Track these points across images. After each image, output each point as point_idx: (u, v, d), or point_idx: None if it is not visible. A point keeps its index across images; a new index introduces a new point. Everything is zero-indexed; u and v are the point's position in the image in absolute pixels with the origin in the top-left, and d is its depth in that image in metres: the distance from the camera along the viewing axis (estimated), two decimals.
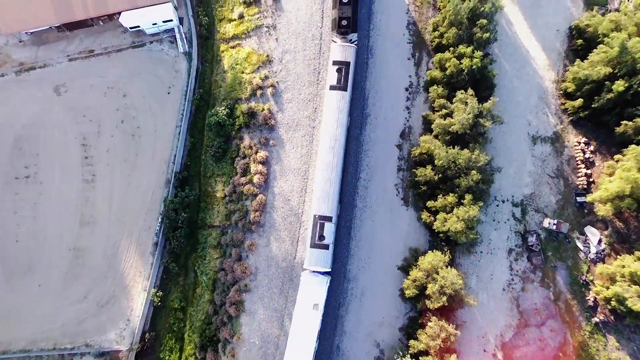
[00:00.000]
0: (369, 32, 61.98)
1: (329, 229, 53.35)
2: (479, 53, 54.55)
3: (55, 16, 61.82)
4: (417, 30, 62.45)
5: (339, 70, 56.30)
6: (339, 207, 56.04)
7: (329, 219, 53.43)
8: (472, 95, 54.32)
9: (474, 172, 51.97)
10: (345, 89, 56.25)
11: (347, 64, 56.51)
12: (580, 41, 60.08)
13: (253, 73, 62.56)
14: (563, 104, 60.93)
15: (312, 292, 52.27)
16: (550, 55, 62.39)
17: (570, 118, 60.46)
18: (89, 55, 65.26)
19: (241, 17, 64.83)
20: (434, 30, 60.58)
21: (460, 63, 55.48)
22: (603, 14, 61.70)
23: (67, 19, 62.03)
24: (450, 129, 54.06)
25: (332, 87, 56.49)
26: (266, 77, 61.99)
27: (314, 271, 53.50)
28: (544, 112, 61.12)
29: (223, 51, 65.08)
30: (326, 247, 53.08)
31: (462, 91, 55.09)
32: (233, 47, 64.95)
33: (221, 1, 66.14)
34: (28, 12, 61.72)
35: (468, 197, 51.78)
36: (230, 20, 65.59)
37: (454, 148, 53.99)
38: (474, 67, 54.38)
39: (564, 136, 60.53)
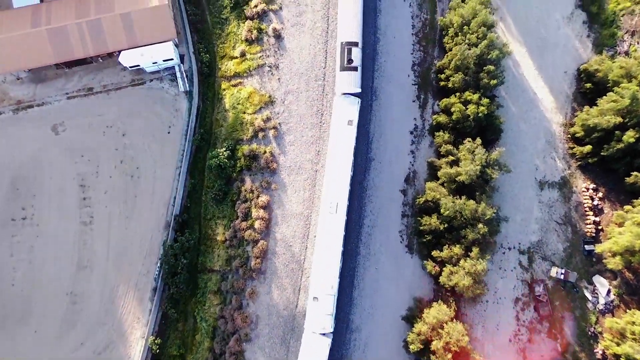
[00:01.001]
0: (373, 74, 60.87)
1: (356, 53, 55.40)
2: (486, 101, 53.49)
3: (53, 55, 60.61)
4: (422, 71, 61.36)
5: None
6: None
7: (356, 44, 55.67)
8: (479, 145, 53.30)
9: (480, 225, 50.90)
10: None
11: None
12: (589, 85, 59.03)
13: (255, 114, 61.51)
14: (571, 148, 59.84)
15: (346, 111, 54.91)
16: (558, 98, 61.33)
17: (579, 163, 59.41)
18: (88, 93, 64.10)
19: (243, 55, 63.74)
20: (440, 72, 59.67)
21: (467, 109, 54.52)
22: (612, 56, 60.77)
23: (66, 58, 60.85)
24: (457, 178, 53.05)
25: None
26: (268, 119, 60.96)
27: (344, 93, 55.58)
28: (551, 156, 60.00)
29: (224, 89, 64.00)
30: (355, 69, 55.62)
31: (469, 139, 54.03)
32: (234, 86, 63.88)
33: (223, 38, 65.18)
34: (26, 50, 60.41)
35: (475, 250, 50.61)
36: (232, 58, 64.51)
37: (460, 197, 52.94)
38: (480, 114, 53.42)
39: (572, 181, 59.40)
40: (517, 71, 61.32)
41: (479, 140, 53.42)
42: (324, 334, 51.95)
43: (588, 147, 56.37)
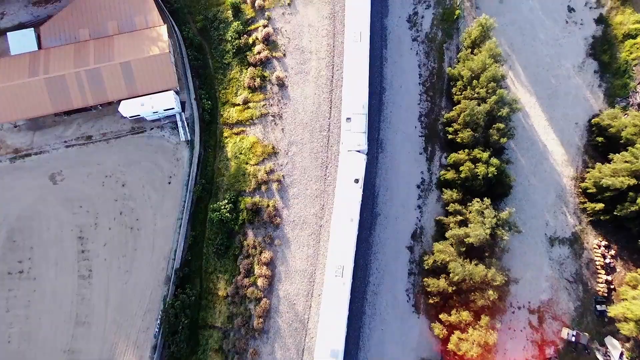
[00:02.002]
0: (379, 125, 59.44)
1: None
2: (496, 161, 51.98)
3: (51, 105, 59.06)
4: (429, 122, 59.88)
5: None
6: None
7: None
8: (488, 205, 51.83)
9: (490, 292, 49.43)
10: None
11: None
12: (600, 139, 57.60)
13: (258, 165, 60.04)
14: (582, 202, 58.30)
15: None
16: (568, 150, 59.83)
17: (590, 218, 57.98)
18: (87, 141, 62.61)
19: (246, 103, 62.23)
20: (448, 125, 58.26)
21: (476, 167, 53.11)
22: (624, 108, 59.25)
23: (64, 108, 59.38)
24: (465, 240, 51.61)
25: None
26: (271, 171, 59.47)
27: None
28: (562, 211, 58.47)
29: (226, 137, 62.57)
30: None
31: (478, 200, 52.59)
32: (237, 134, 62.45)
33: (225, 83, 63.70)
34: (23, 100, 58.99)
35: (485, 319, 49.11)
36: (234, 105, 63.00)
37: (469, 259, 51.48)
38: (490, 175, 51.99)
39: (583, 237, 57.86)
40: (527, 122, 59.90)
41: (488, 201, 51.95)
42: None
43: (600, 205, 54.85)
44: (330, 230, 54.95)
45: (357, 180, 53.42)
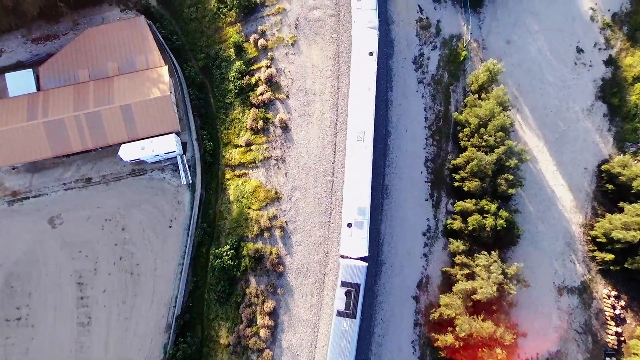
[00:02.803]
0: (384, 170, 58.30)
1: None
2: (504, 213, 50.87)
3: (50, 149, 57.82)
4: (435, 167, 58.78)
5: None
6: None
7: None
8: (496, 259, 50.70)
9: (499, 350, 48.33)
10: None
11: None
12: (610, 187, 56.51)
13: (260, 210, 58.92)
14: (591, 251, 57.26)
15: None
16: (577, 196, 58.71)
17: (600, 267, 56.90)
18: (86, 184, 61.47)
19: (248, 145, 61.08)
20: (454, 171, 57.19)
21: (484, 218, 52.05)
22: (635, 153, 58.09)
23: (63, 152, 58.17)
24: (472, 297, 50.52)
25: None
26: (274, 217, 58.33)
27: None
28: (570, 259, 57.33)
29: (228, 179, 61.42)
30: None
31: (485, 253, 51.48)
32: (239, 176, 61.27)
33: (227, 123, 62.61)
34: (21, 144, 57.70)
35: None
36: (237, 146, 61.84)
37: (477, 315, 50.50)
38: (499, 228, 50.94)
39: (592, 287, 56.72)
40: (535, 167, 58.80)
41: (495, 255, 50.71)
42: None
43: (610, 256, 53.66)
44: (348, 100, 55.44)
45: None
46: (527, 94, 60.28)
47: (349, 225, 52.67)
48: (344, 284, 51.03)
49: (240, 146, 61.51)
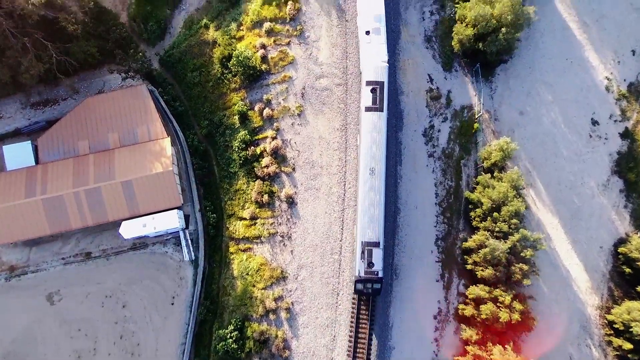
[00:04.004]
0: (393, 249, 56.43)
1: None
2: (519, 306, 48.90)
3: (49, 226, 55.91)
4: (446, 246, 56.93)
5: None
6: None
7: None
8: (510, 352, 49.00)
9: None
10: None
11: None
12: (628, 270, 54.71)
13: (265, 289, 57.00)
14: (608, 334, 55.54)
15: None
16: (592, 277, 56.76)
17: (617, 352, 55.12)
18: (86, 258, 59.52)
19: (253, 218, 59.34)
20: (466, 253, 55.44)
21: (499, 308, 50.26)
22: None
23: (62, 229, 56.27)
24: None
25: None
26: (280, 297, 56.44)
27: None
28: (586, 343, 55.31)
29: (232, 253, 59.48)
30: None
31: (499, 347, 49.76)
32: (244, 251, 59.36)
33: (231, 194, 60.77)
34: (19, 222, 55.77)
35: None
36: (241, 218, 60.23)
37: None
38: (513, 321, 49.19)
39: None
40: (549, 245, 56.77)
41: (510, 348, 49.10)
42: None
43: (628, 345, 51.76)
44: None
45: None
46: (541, 168, 58.52)
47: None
48: (368, 83, 53.36)
49: (245, 219, 59.71)
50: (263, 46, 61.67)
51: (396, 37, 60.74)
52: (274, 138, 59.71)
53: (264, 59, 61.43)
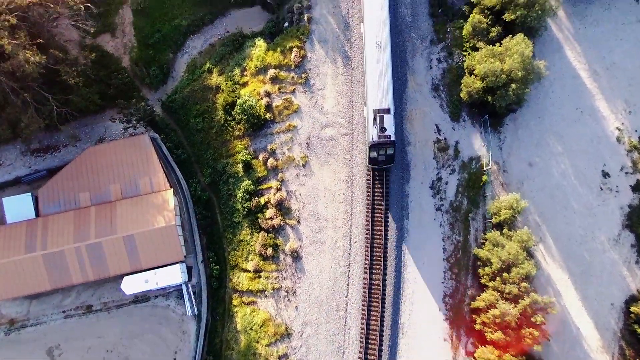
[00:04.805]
0: (399, 306, 55.46)
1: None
2: None
3: (49, 282, 54.79)
4: (454, 303, 55.51)
5: None
6: None
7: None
8: None
9: None
10: None
11: None
12: None
13: (269, 346, 55.82)
14: None
15: None
16: (603, 335, 55.51)
17: None
18: (87, 311, 58.20)
19: (257, 271, 58.27)
20: (475, 312, 54.39)
21: None
22: None
23: (63, 284, 55.08)
24: None
25: None
26: (285, 355, 54.96)
27: None
28: None
29: (236, 305, 58.33)
30: None
31: None
32: (247, 304, 58.14)
33: (234, 244, 59.56)
34: (19, 278, 54.62)
35: None
36: (244, 270, 59.18)
37: None
38: None
39: None
40: (559, 302, 55.46)
41: None
42: None
43: None
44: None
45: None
46: (550, 222, 57.32)
47: None
48: None
49: (249, 271, 58.68)
50: (267, 94, 60.66)
51: (403, 86, 59.79)
52: (278, 189, 58.73)
53: (268, 107, 60.45)
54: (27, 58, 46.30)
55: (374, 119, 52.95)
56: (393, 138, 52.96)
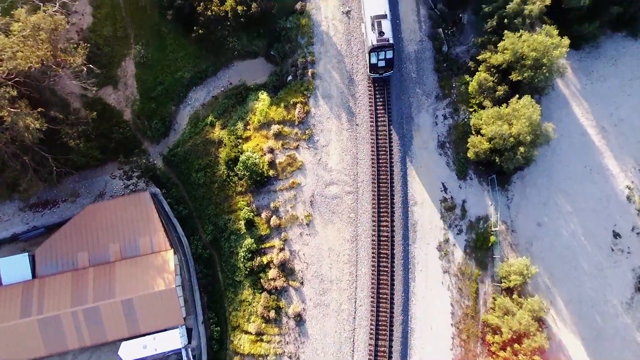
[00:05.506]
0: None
1: None
2: None
3: (45, 348, 52.52)
4: None
5: None
6: None
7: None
8: None
9: None
10: None
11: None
12: None
13: None
14: None
15: None
16: None
17: None
18: None
19: (259, 334, 56.60)
20: None
21: None
22: None
23: (59, 350, 53.05)
24: None
25: None
26: None
27: None
28: None
29: None
30: None
31: None
32: None
33: (235, 304, 57.63)
34: (13, 343, 52.55)
35: None
36: (246, 332, 57.44)
37: None
38: None
39: None
40: None
41: None
42: None
43: None
44: None
45: None
46: (561, 284, 55.79)
47: None
48: None
49: (250, 333, 56.98)
50: (271, 150, 59.66)
51: (408, 143, 59.09)
52: (281, 249, 57.25)
53: (271, 163, 59.40)
54: (27, 125, 45.56)
55: (372, 24, 55.90)
56: (391, 41, 55.80)
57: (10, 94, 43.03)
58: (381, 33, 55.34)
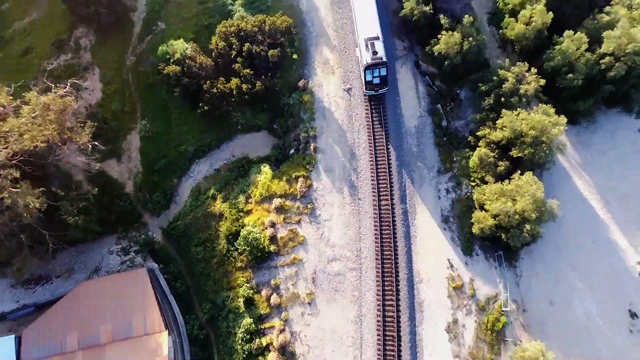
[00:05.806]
0: None
1: None
2: None
3: None
4: None
5: None
6: None
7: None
8: None
9: None
10: None
11: None
12: None
13: None
14: None
15: None
16: None
17: None
18: None
19: None
20: None
21: None
22: None
23: None
24: None
25: None
26: None
27: None
28: None
29: None
30: None
31: None
32: None
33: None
34: None
35: None
36: None
37: None
38: None
39: None
40: None
41: None
42: None
43: None
44: None
45: None
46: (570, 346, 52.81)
47: None
48: None
49: None
50: (272, 224, 58.64)
51: (411, 217, 58.29)
52: (281, 330, 54.33)
53: (272, 238, 58.07)
54: (27, 204, 45.13)
55: (366, 45, 60.04)
56: (384, 59, 59.54)
57: (13, 175, 43.15)
58: (375, 52, 59.53)
